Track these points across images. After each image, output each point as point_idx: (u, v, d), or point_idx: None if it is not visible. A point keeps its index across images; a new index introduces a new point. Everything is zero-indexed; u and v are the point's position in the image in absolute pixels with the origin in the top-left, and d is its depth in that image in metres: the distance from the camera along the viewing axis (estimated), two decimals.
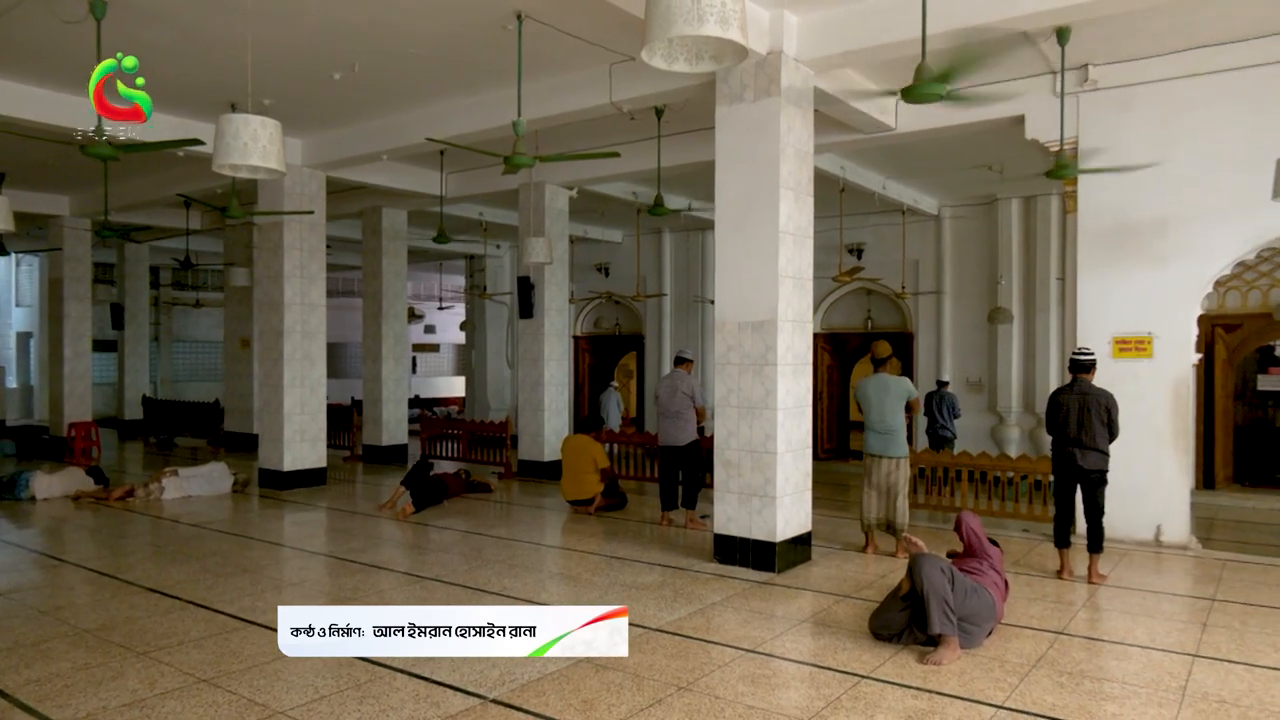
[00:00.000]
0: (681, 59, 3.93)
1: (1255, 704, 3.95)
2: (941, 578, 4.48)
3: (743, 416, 6.49)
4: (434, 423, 13.84)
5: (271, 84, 7.73)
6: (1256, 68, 6.71)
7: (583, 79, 7.45)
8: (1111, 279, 7.37)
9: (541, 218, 11.06)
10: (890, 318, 14.26)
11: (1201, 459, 10.86)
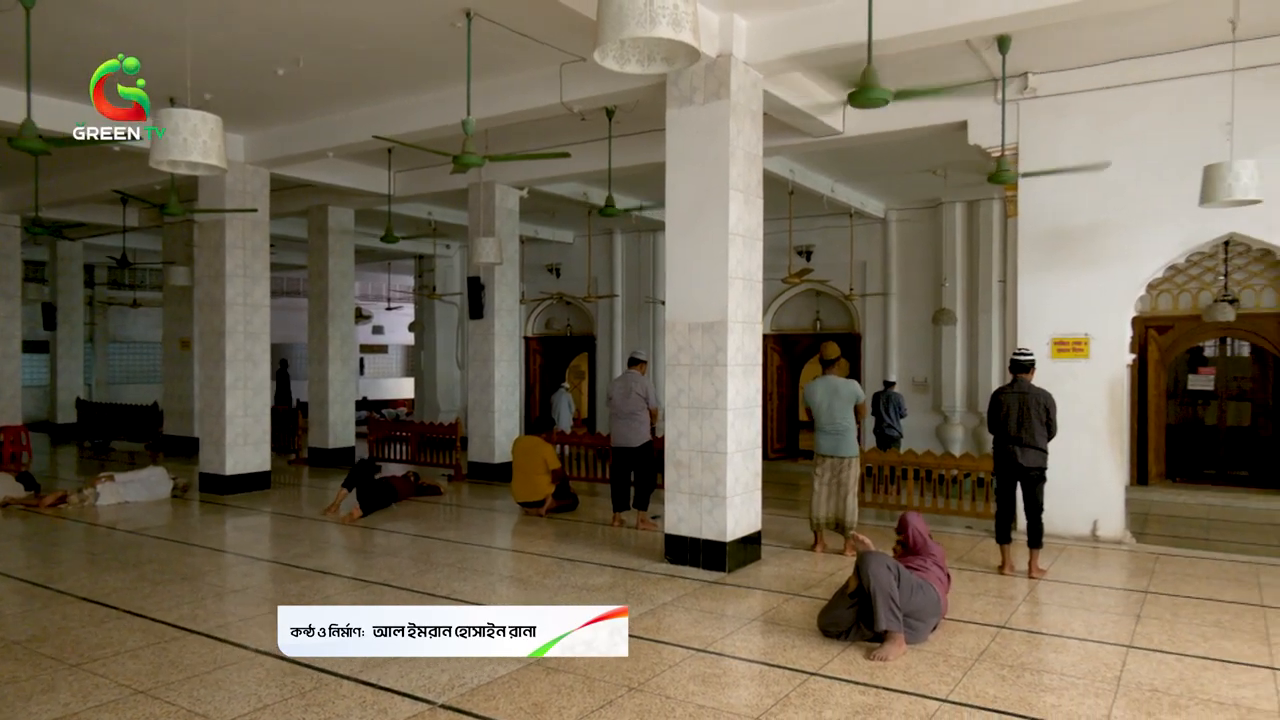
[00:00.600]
0: (634, 60, 3.93)
1: (1185, 692, 4.09)
2: (888, 575, 4.56)
3: (693, 417, 6.52)
4: (382, 425, 13.64)
5: (212, 78, 7.54)
6: (1185, 79, 6.96)
7: (533, 78, 7.42)
8: (1050, 282, 7.57)
9: (492, 218, 10.97)
10: (838, 319, 14.46)
11: (1135, 456, 11.23)
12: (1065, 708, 3.91)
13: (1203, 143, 6.70)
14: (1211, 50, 6.70)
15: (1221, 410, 12.16)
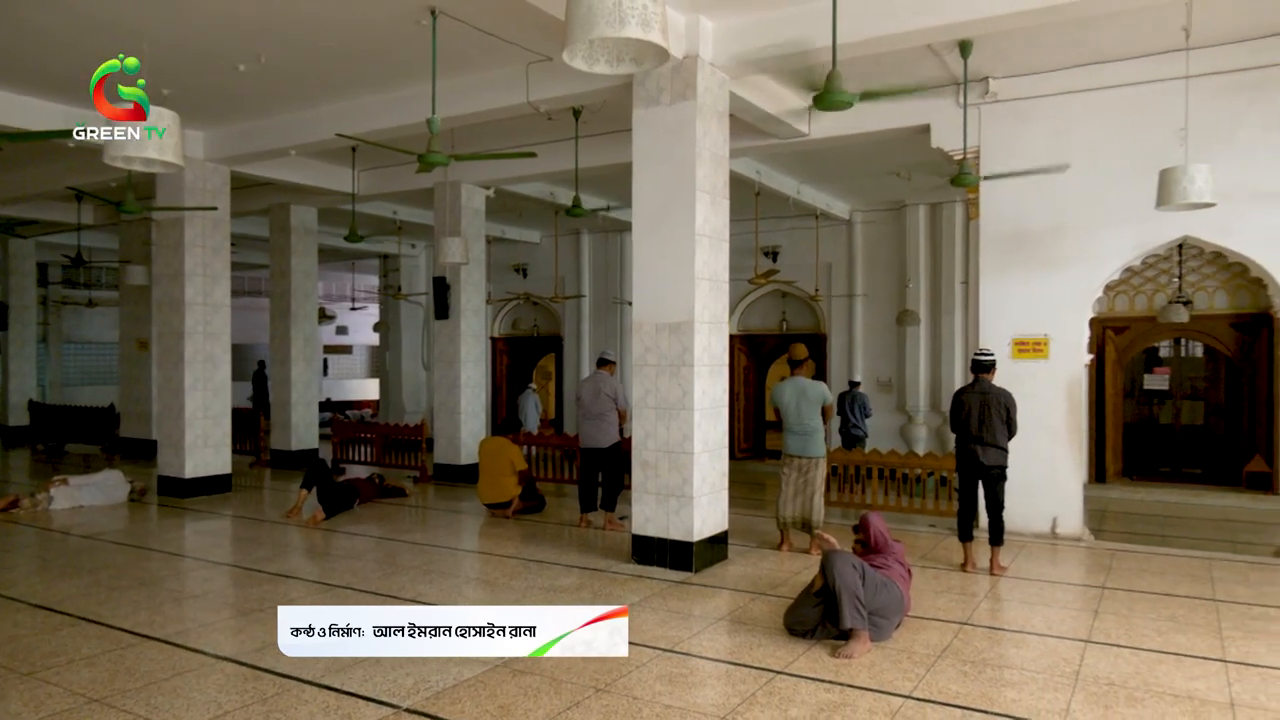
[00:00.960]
0: (602, 61, 3.93)
1: (1141, 685, 4.18)
2: (853, 574, 4.60)
3: (660, 417, 6.53)
4: (346, 426, 13.48)
5: (171, 73, 7.39)
6: (1141, 85, 7.11)
7: (499, 78, 7.37)
8: (1010, 283, 7.70)
9: (458, 217, 10.90)
10: (804, 319, 14.57)
11: (1094, 454, 11.45)
12: (1025, 702, 3.97)
13: (1158, 147, 6.85)
14: (1166, 57, 6.86)
15: (1176, 409, 12.46)
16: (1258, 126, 6.80)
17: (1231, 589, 5.96)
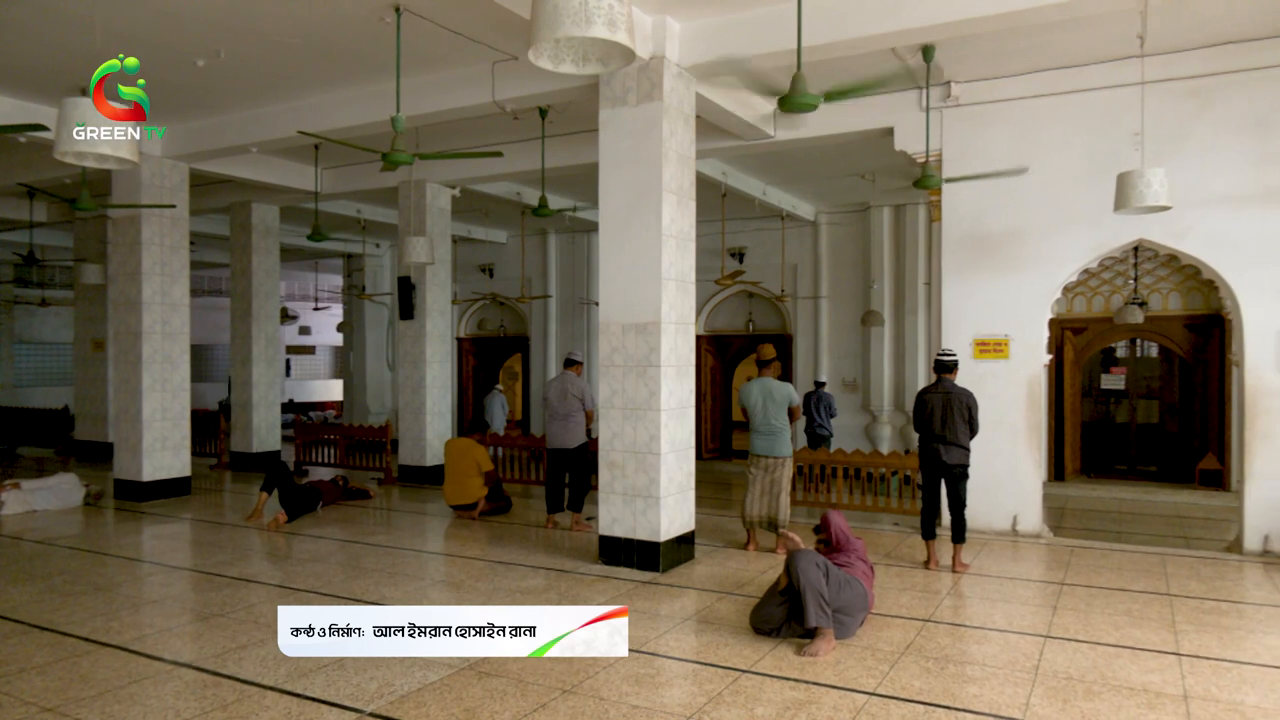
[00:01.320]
0: (568, 60, 3.91)
1: (1099, 679, 4.27)
2: (817, 572, 4.63)
3: (627, 418, 6.53)
4: (309, 428, 13.30)
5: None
6: (1098, 90, 7.26)
7: (465, 76, 7.33)
8: (972, 284, 7.81)
9: (423, 217, 10.81)
10: (771, 320, 14.66)
11: (1053, 453, 11.67)
12: (987, 697, 4.04)
13: (1115, 152, 6.99)
14: (1122, 64, 7.00)
15: (1132, 408, 12.73)
16: (1210, 132, 6.97)
17: (1185, 584, 6.11)
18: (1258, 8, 6.25)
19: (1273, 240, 6.81)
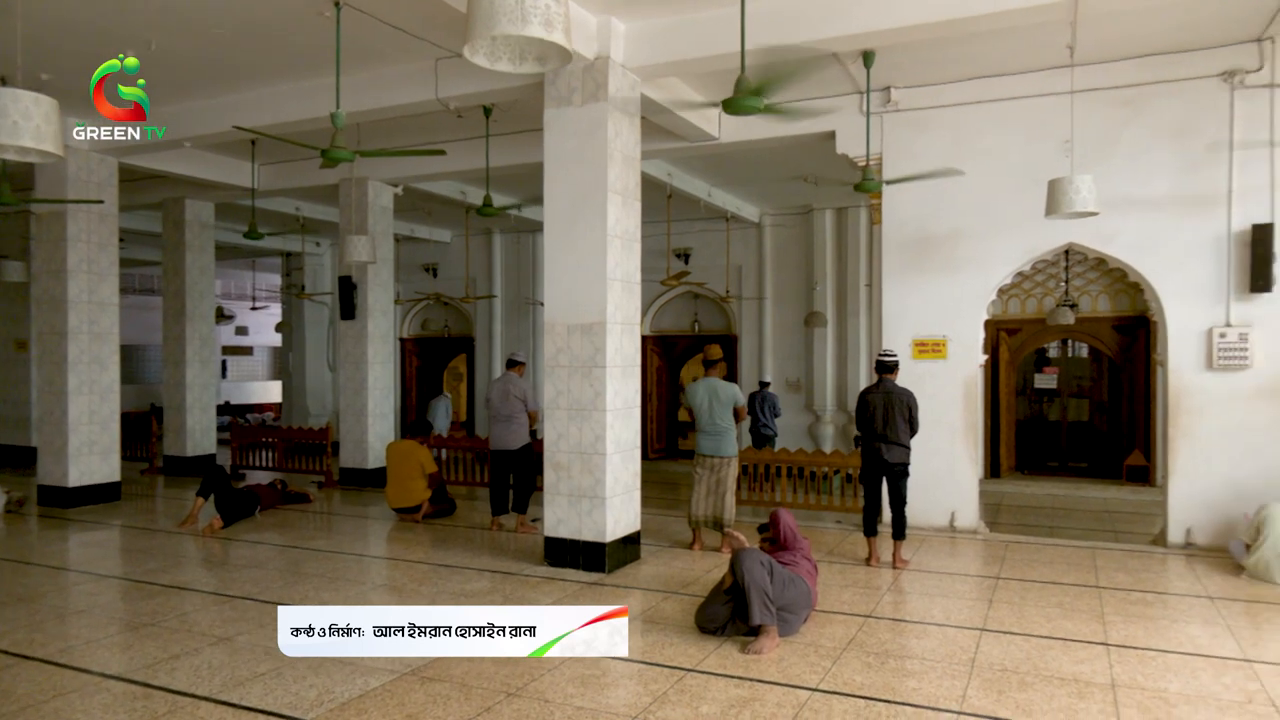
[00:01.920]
0: (505, 58, 3.88)
1: (1032, 670, 4.39)
2: (761, 571, 4.68)
3: (572, 418, 6.51)
4: (246, 430, 12.96)
5: (51, 57, 6.94)
6: (1031, 98, 7.47)
7: (407, 73, 7.23)
8: (911, 286, 7.97)
9: (364, 215, 10.62)
10: (716, 321, 14.76)
11: (989, 451, 11.97)
12: (925, 690, 4.12)
13: (1046, 158, 7.20)
14: (1054, 73, 7.23)
15: (1064, 407, 13.14)
16: (1136, 140, 7.23)
17: (1113, 576, 6.32)
18: (1179, 22, 6.51)
19: (1194, 244, 7.09)
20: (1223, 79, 6.95)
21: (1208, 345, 7.04)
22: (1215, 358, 7.01)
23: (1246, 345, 6.92)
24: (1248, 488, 6.83)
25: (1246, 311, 6.96)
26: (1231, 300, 6.99)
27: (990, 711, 3.87)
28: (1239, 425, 6.97)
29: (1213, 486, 7.04)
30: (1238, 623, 5.21)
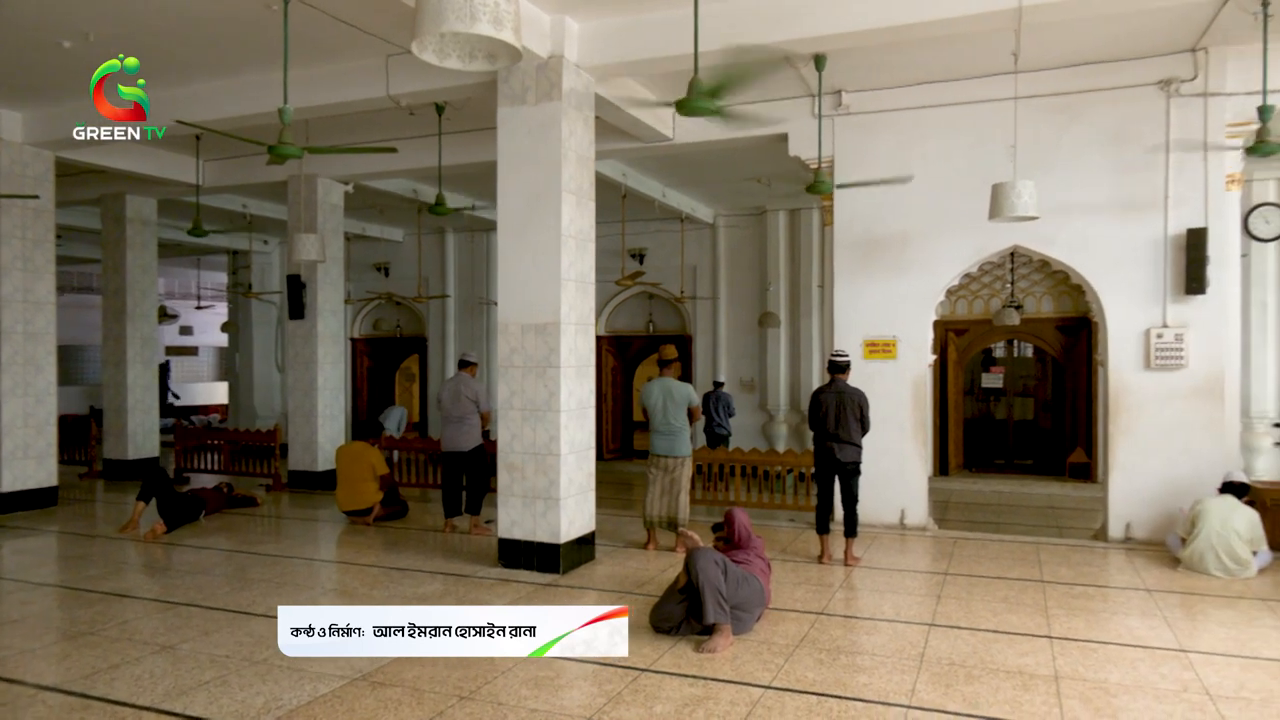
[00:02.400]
0: (454, 56, 3.84)
1: (978, 664, 4.48)
2: (715, 570, 4.70)
3: (526, 419, 6.47)
4: (191, 433, 12.64)
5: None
6: (977, 104, 7.63)
7: (358, 69, 7.12)
8: (862, 287, 8.09)
9: (313, 213, 10.44)
10: (671, 321, 14.80)
11: (938, 449, 12.19)
12: (876, 685, 4.18)
13: (992, 162, 7.35)
14: (999, 79, 7.38)
15: (1010, 406, 13.45)
16: (1075, 145, 7.43)
17: (1056, 570, 6.49)
18: (1118, 32, 6.71)
19: (1133, 247, 7.31)
20: (1159, 87, 7.17)
21: (1145, 346, 7.26)
22: (1153, 358, 7.23)
23: (1182, 346, 7.15)
24: (1184, 483, 7.06)
25: (1182, 313, 7.19)
26: (1168, 302, 7.22)
27: (938, 705, 3.94)
28: (1175, 423, 7.20)
29: (1151, 483, 7.26)
30: (1174, 614, 5.39)
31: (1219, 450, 7.12)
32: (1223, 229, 7.14)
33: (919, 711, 3.87)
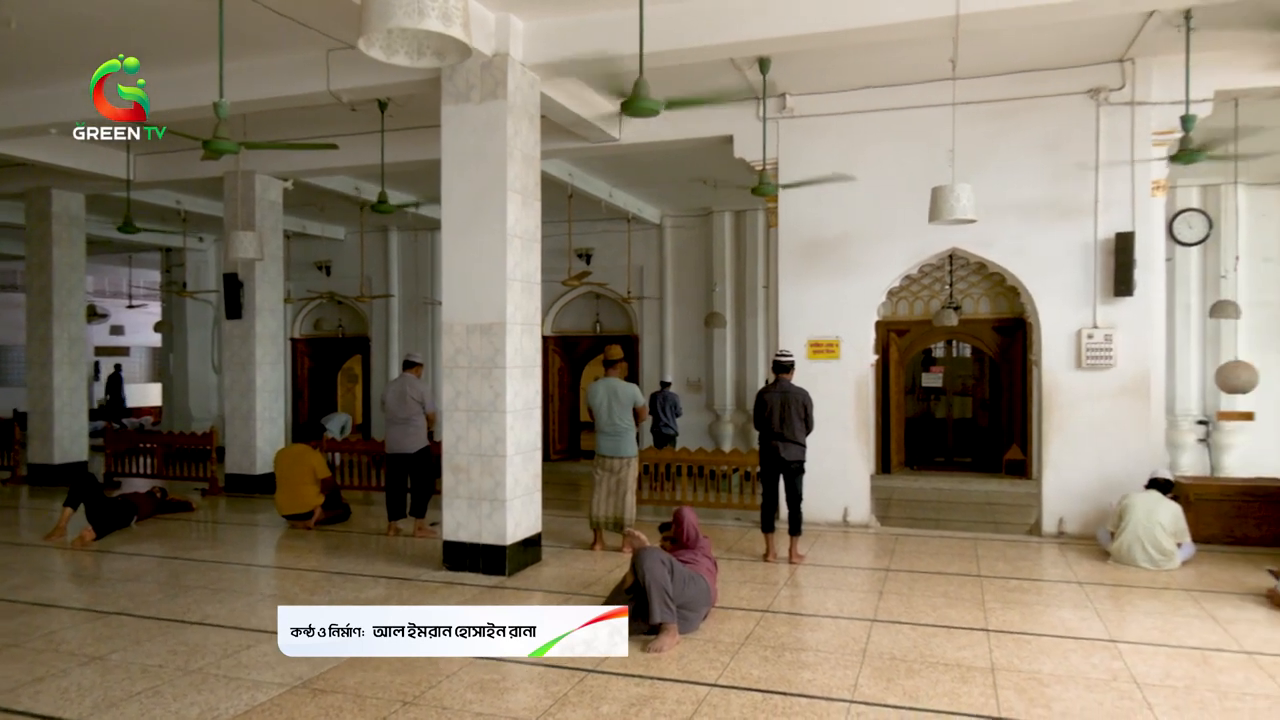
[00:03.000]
0: (402, 52, 3.78)
1: (918, 658, 4.58)
2: (662, 569, 4.72)
3: (471, 420, 6.41)
4: (122, 436, 12.23)
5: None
6: (917, 109, 7.79)
7: (298, 62, 6.96)
8: (806, 288, 8.20)
9: (251, 210, 10.18)
10: (617, 321, 14.80)
11: (880, 447, 12.41)
12: (820, 681, 4.24)
13: (931, 166, 7.50)
14: (938, 85, 7.55)
15: (949, 405, 13.76)
16: (1011, 151, 7.64)
17: (993, 564, 6.66)
18: (1051, 41, 6.92)
19: (1065, 250, 7.54)
20: (1089, 96, 7.41)
21: (1077, 346, 7.49)
22: (1084, 357, 7.47)
23: (1111, 346, 7.41)
24: (1113, 479, 7.31)
25: (1111, 314, 7.44)
26: (1098, 303, 7.47)
27: (880, 699, 4.01)
28: (1105, 421, 7.45)
29: (1082, 478, 7.50)
30: (1104, 606, 5.57)
31: (1146, 447, 7.39)
32: (1149, 234, 7.41)
33: (861, 706, 3.93)
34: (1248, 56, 6.98)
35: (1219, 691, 4.11)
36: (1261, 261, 11.31)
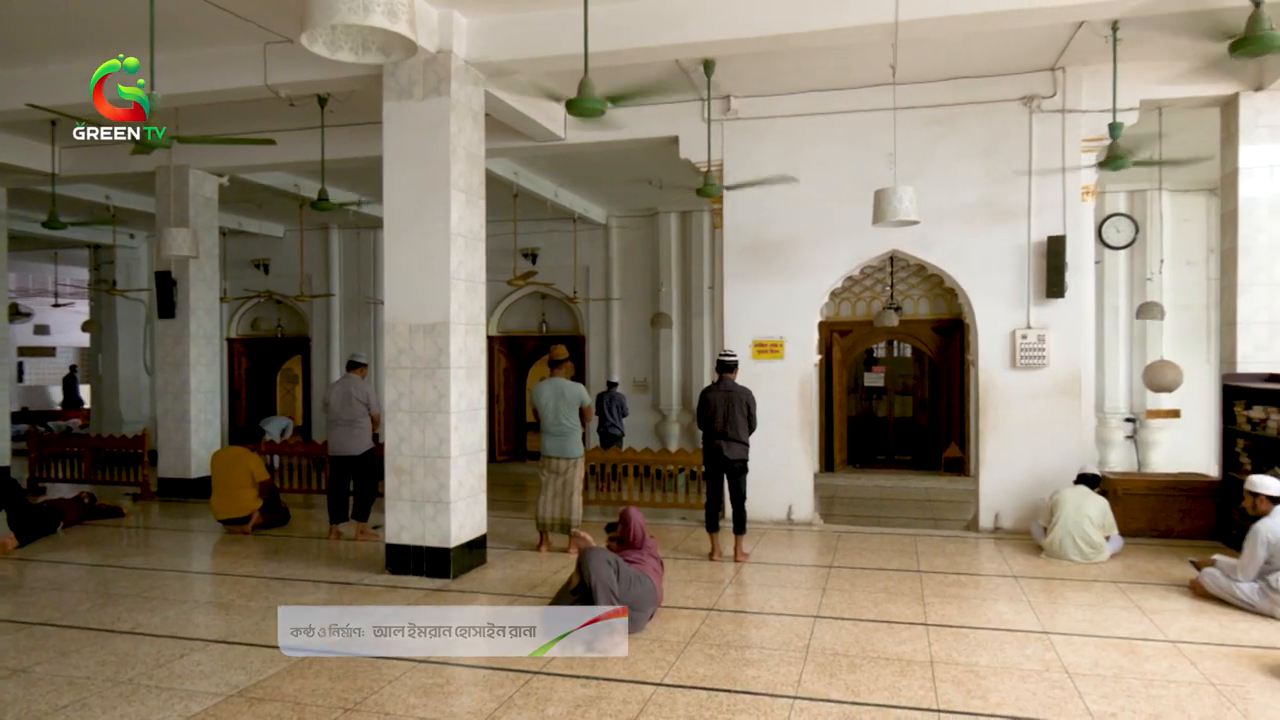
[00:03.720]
0: (346, 48, 3.72)
1: (860, 653, 4.66)
2: (608, 569, 4.72)
3: (415, 421, 6.32)
4: (48, 440, 11.76)
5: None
6: (859, 113, 7.93)
7: (233, 55, 6.78)
8: (751, 289, 8.28)
9: (185, 206, 9.89)
10: (564, 321, 14.75)
11: (823, 446, 12.61)
12: (764, 678, 4.29)
13: (873, 170, 7.65)
14: (879, 90, 7.70)
15: (890, 404, 14.03)
16: (949, 155, 7.82)
17: (932, 560, 6.81)
18: (987, 49, 7.10)
19: (1000, 253, 7.74)
20: (1022, 103, 7.63)
21: (1011, 346, 7.70)
22: (1018, 357, 7.68)
23: (1044, 346, 7.63)
24: (1046, 475, 7.54)
25: (1044, 315, 7.67)
26: (1031, 305, 7.69)
27: (823, 694, 4.07)
28: (1039, 419, 7.68)
29: (1017, 475, 7.72)
30: (1037, 599, 5.74)
31: (1077, 444, 7.63)
32: (1079, 237, 7.66)
33: (805, 701, 3.99)
34: (1170, 67, 7.27)
35: (1145, 679, 4.26)
36: (1185, 265, 11.78)
